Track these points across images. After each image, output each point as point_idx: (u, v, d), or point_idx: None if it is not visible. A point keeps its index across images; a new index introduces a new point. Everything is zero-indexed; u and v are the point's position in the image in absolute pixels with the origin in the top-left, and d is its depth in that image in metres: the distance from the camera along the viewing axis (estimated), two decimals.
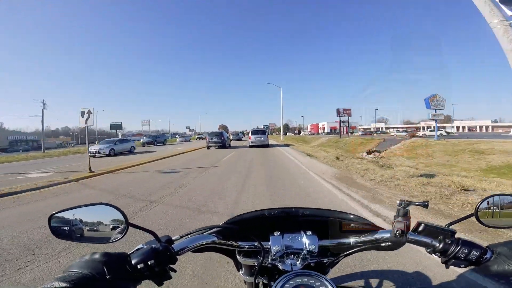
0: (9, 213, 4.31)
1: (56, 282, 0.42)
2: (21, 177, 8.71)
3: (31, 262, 2.47)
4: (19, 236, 3.17)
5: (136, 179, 7.30)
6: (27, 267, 2.38)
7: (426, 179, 5.68)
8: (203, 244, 0.64)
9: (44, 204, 4.93)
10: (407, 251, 2.46)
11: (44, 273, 2.28)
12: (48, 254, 2.65)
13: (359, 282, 1.97)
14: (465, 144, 18.66)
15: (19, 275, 2.25)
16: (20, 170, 10.73)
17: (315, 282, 0.56)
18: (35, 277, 2.20)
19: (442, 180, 5.51)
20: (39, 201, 5.14)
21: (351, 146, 30.27)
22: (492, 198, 0.64)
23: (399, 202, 0.63)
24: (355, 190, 5.17)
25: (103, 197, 5.33)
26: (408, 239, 0.63)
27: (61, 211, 0.56)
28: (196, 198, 4.87)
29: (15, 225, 3.62)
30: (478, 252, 0.58)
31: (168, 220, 3.66)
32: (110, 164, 11.08)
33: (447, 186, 4.96)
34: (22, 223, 3.68)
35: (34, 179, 7.73)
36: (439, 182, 5.29)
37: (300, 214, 0.78)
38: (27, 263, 2.45)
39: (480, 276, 2.01)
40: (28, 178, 8.12)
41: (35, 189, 6.18)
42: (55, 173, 9.23)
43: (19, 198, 5.42)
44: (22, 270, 2.32)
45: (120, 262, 0.51)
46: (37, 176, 8.68)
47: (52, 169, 10.69)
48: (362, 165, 8.33)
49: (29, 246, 2.84)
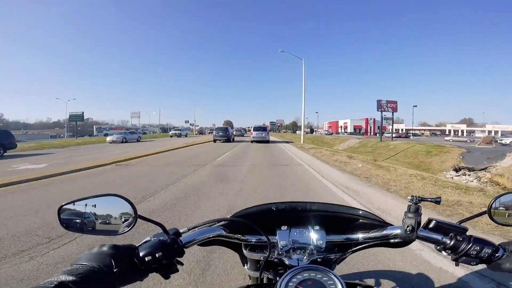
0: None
1: (63, 275, 0.42)
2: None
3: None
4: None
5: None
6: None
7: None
8: (210, 237, 0.64)
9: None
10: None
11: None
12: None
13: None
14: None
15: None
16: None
17: (323, 277, 0.56)
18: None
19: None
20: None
21: (413, 156, 20.82)
22: (504, 196, 0.64)
23: (410, 197, 0.62)
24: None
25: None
26: (419, 236, 0.62)
27: (70, 202, 0.56)
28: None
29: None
30: (490, 250, 0.57)
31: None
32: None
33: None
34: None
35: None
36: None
37: (308, 209, 0.77)
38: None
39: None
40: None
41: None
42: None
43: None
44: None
45: (128, 255, 0.51)
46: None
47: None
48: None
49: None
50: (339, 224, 0.74)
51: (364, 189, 5.22)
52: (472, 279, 2.00)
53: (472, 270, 2.05)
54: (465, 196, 4.39)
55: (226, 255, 2.32)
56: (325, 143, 35.83)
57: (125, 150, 14.56)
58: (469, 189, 5.03)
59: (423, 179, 5.89)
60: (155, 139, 32.48)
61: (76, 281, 0.41)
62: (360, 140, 35.44)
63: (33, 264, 2.25)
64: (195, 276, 2.05)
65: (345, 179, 6.28)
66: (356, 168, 7.72)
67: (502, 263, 0.58)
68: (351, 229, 0.72)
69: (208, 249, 2.39)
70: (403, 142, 30.56)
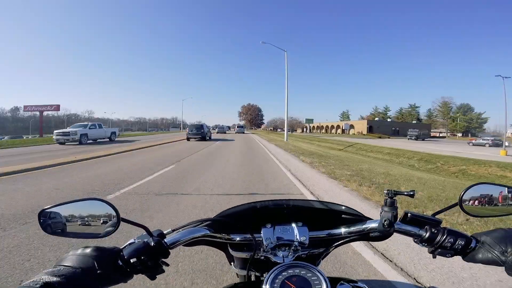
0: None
1: (46, 276, 0.42)
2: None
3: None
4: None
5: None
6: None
7: None
8: (195, 237, 0.64)
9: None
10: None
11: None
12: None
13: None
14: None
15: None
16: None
17: (307, 273, 0.57)
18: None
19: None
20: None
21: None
22: (474, 188, 0.65)
23: (386, 192, 0.64)
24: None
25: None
26: (396, 229, 0.64)
27: (51, 206, 0.55)
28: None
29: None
30: (463, 241, 0.58)
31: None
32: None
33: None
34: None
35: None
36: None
37: (291, 206, 0.79)
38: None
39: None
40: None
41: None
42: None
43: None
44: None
45: (111, 257, 0.51)
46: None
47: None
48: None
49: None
50: (321, 220, 0.76)
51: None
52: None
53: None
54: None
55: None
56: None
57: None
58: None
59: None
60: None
61: (61, 282, 0.42)
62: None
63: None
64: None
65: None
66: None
67: (475, 254, 0.58)
68: (333, 225, 0.74)
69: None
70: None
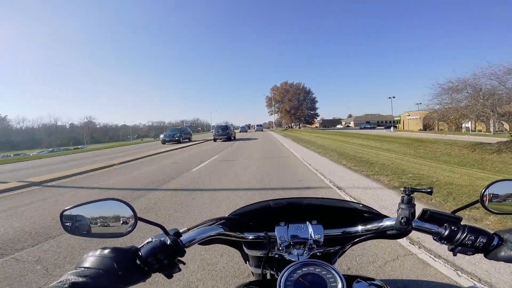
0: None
1: (72, 276, 0.43)
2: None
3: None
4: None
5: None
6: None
7: None
8: (210, 236, 0.65)
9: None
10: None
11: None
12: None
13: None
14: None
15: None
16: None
17: (322, 271, 0.57)
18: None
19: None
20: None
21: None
22: (495, 184, 0.63)
23: (403, 189, 0.63)
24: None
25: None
26: (414, 227, 0.62)
27: (71, 207, 0.57)
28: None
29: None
30: (485, 239, 0.56)
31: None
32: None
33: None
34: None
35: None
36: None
37: (305, 204, 0.78)
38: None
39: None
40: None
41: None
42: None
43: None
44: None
45: (129, 257, 0.52)
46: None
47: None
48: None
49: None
50: (336, 218, 0.75)
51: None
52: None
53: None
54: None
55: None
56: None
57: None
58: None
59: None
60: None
61: (86, 282, 0.43)
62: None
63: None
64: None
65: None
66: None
67: (497, 252, 0.56)
68: (348, 223, 0.73)
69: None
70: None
